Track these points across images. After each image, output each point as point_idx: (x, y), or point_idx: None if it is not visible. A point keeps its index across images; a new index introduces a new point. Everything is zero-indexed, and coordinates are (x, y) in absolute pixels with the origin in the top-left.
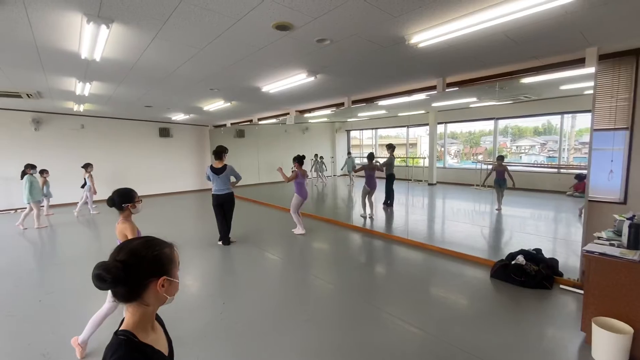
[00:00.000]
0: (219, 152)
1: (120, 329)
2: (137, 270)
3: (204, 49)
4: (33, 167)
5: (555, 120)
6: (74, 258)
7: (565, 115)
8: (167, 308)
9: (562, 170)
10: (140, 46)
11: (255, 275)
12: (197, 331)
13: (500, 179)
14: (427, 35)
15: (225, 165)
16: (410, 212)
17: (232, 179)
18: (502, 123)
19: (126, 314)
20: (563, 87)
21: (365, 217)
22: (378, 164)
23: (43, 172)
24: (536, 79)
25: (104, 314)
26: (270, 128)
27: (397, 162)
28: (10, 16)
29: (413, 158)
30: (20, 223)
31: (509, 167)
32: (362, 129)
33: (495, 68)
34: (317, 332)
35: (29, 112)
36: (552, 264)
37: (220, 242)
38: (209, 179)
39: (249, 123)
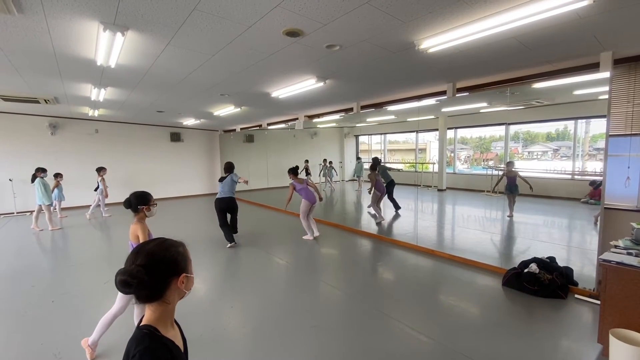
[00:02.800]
0: (229, 167)
1: (143, 324)
2: (158, 271)
3: (215, 55)
4: (44, 170)
5: (569, 125)
6: (86, 260)
7: (579, 121)
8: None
9: (576, 177)
10: (154, 53)
11: (263, 280)
12: (204, 335)
13: (512, 185)
14: (437, 41)
15: (228, 174)
16: (420, 218)
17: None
18: (513, 128)
19: (147, 311)
20: (577, 92)
21: (379, 222)
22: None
23: (57, 175)
24: (549, 84)
25: (113, 315)
26: (279, 133)
27: (406, 167)
28: (30, 25)
29: (422, 163)
30: (35, 225)
31: (520, 173)
32: (371, 134)
33: (507, 73)
34: (324, 338)
35: (46, 117)
36: (567, 272)
37: (229, 245)
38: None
39: (258, 128)
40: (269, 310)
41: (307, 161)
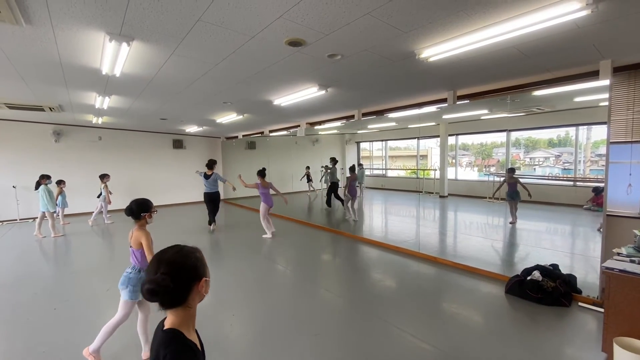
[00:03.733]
0: (211, 164)
1: (167, 327)
2: (181, 278)
3: (218, 64)
4: (48, 177)
5: (570, 131)
6: (88, 267)
7: (580, 127)
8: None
9: (578, 183)
10: (158, 62)
11: (264, 287)
12: (205, 343)
13: (513, 192)
14: (437, 50)
15: (213, 172)
16: (422, 225)
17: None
18: (514, 134)
19: (170, 316)
20: (577, 99)
21: (350, 220)
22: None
23: (60, 182)
24: (549, 92)
25: (116, 323)
26: (281, 140)
27: (407, 173)
28: (38, 36)
29: (424, 170)
30: (38, 232)
31: (522, 180)
32: (372, 141)
33: (507, 81)
34: (325, 346)
35: (50, 125)
36: (570, 280)
37: (210, 227)
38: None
39: (260, 135)
40: (270, 317)
41: (308, 167)
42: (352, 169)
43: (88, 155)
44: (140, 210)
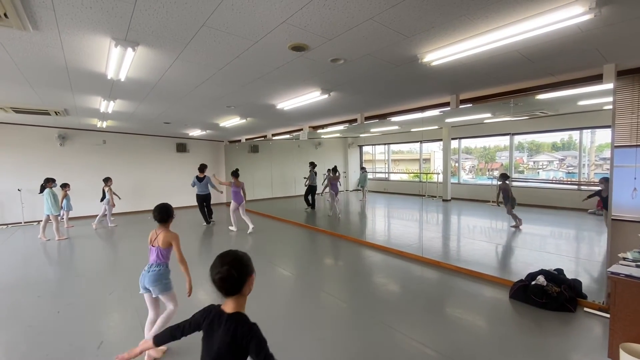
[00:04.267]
0: (202, 168)
1: (232, 311)
2: (241, 271)
3: (222, 69)
4: (53, 181)
5: (574, 135)
6: (91, 270)
7: (585, 131)
8: (179, 318)
9: (582, 187)
10: (163, 67)
11: (267, 292)
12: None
13: (505, 196)
14: (440, 54)
15: (205, 176)
16: (425, 229)
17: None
18: (517, 138)
19: (231, 303)
20: (581, 103)
21: (331, 216)
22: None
23: (65, 185)
24: (552, 95)
25: (171, 314)
26: (284, 143)
27: (410, 177)
28: (45, 41)
29: (427, 173)
30: (42, 235)
31: (526, 183)
32: (375, 144)
33: (510, 85)
34: (328, 350)
35: (56, 129)
36: (575, 285)
37: (204, 224)
38: (193, 185)
39: (263, 139)
40: (273, 322)
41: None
42: (334, 170)
43: (92, 158)
44: (168, 214)
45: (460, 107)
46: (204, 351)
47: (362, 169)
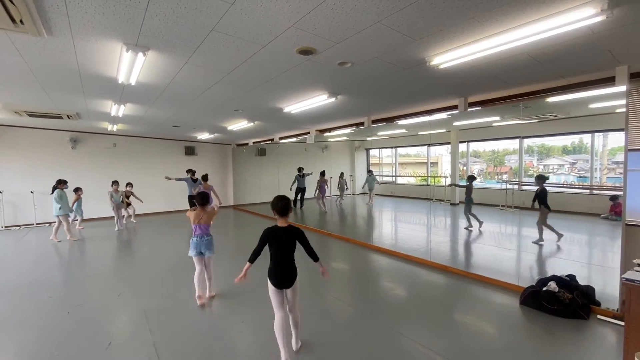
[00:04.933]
0: (193, 172)
1: (286, 225)
2: (290, 204)
3: (230, 73)
4: (64, 182)
5: (585, 138)
6: (101, 271)
7: (596, 134)
8: (185, 322)
9: (594, 191)
10: (172, 71)
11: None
12: (215, 349)
13: (469, 197)
14: (449, 57)
15: (197, 178)
16: (433, 233)
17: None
18: (527, 141)
19: (284, 221)
20: (593, 106)
21: (324, 212)
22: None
23: (77, 189)
24: (563, 98)
25: (207, 272)
26: (291, 146)
27: (418, 180)
28: (58, 46)
29: (434, 177)
30: (54, 236)
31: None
32: (382, 148)
33: (519, 87)
34: (335, 356)
35: (67, 132)
36: (588, 292)
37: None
38: (181, 179)
39: (270, 142)
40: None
41: (342, 175)
42: (322, 173)
43: (103, 161)
44: (208, 199)
45: (469, 110)
46: (275, 249)
47: (369, 171)
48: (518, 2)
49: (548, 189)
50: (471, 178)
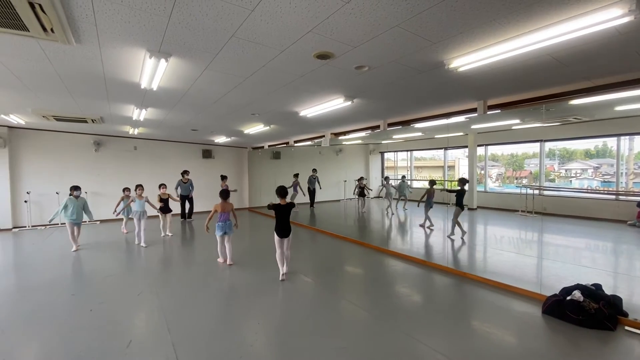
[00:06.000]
0: (186, 172)
1: (287, 203)
2: (286, 189)
3: (248, 78)
4: (75, 189)
5: (610, 141)
6: (122, 271)
7: (622, 137)
8: (203, 322)
9: (620, 197)
10: (193, 76)
11: (287, 298)
12: (230, 351)
13: (430, 199)
14: (468, 60)
15: (189, 179)
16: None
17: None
18: (548, 145)
19: (283, 200)
20: (619, 108)
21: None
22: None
23: (127, 189)
24: (588, 100)
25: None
26: (305, 150)
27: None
28: (86, 54)
29: (451, 181)
30: (74, 245)
31: (557, 192)
32: (397, 151)
33: (542, 90)
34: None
35: (91, 135)
36: (615, 302)
37: (182, 219)
38: (177, 187)
39: (285, 145)
40: (293, 329)
41: (361, 179)
42: (295, 175)
43: (124, 163)
44: (229, 194)
45: (488, 112)
46: (279, 215)
47: (402, 177)
48: (542, 4)
49: (570, 194)
50: (432, 182)
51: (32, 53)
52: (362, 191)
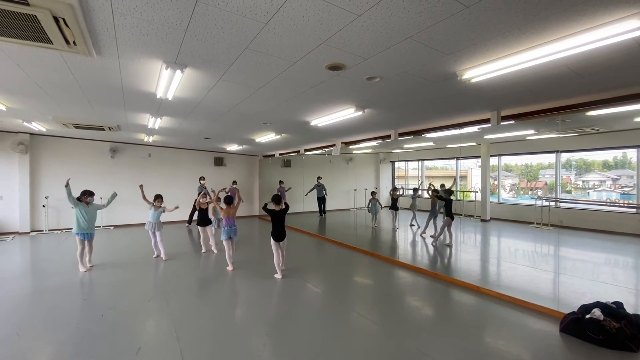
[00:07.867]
0: (202, 179)
1: (281, 208)
2: (280, 198)
3: (261, 88)
4: (87, 194)
5: (630, 153)
6: (134, 277)
7: None
8: (210, 330)
9: None
10: (207, 87)
11: (297, 308)
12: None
13: (395, 204)
14: (481, 71)
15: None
16: (462, 250)
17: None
18: (564, 156)
19: (278, 206)
20: (639, 119)
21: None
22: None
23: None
24: (606, 112)
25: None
26: (315, 158)
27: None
28: (105, 65)
29: (463, 192)
30: (82, 267)
31: (574, 204)
32: (408, 160)
33: (557, 101)
34: None
35: (108, 142)
36: (637, 321)
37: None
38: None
39: (296, 153)
40: (302, 340)
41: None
42: (281, 182)
43: (139, 170)
44: (233, 200)
45: (502, 123)
46: (275, 220)
47: (414, 189)
48: (557, 16)
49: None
50: (395, 190)
51: (54, 64)
52: (394, 203)
